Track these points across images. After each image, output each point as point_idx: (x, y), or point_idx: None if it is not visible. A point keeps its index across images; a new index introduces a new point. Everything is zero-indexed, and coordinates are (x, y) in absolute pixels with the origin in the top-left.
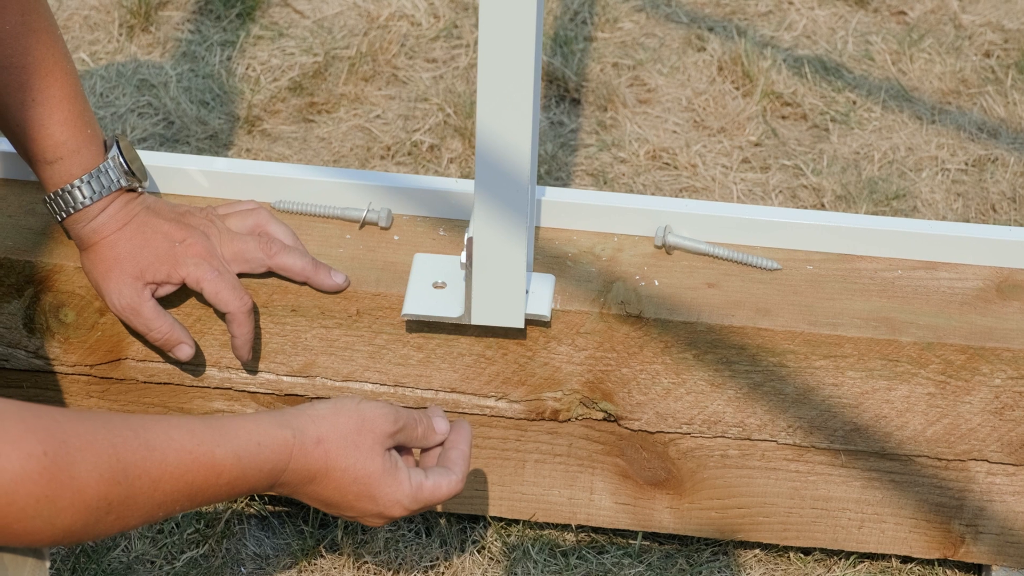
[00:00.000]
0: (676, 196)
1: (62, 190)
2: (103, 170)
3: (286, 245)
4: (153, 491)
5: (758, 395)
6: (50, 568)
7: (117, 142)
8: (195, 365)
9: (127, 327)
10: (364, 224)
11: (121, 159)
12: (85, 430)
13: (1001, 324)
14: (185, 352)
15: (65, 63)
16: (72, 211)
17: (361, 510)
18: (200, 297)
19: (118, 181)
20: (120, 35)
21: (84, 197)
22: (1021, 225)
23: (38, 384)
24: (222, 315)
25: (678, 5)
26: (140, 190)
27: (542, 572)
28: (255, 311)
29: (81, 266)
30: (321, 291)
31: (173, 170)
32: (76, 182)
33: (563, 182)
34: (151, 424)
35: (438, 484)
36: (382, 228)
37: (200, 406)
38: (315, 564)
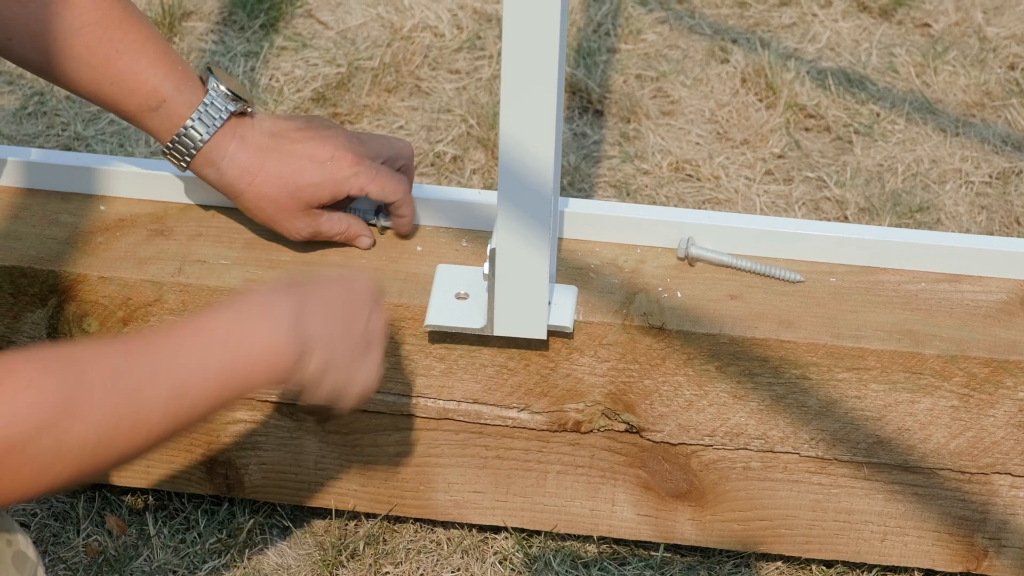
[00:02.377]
0: (699, 208)
1: (177, 135)
2: (209, 102)
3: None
4: (155, 373)
5: (781, 407)
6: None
7: (210, 70)
8: None
9: None
10: (384, 229)
11: (221, 86)
12: (85, 354)
13: None
14: (365, 243)
15: (133, 9)
16: (194, 152)
17: (357, 298)
18: None
19: (227, 108)
20: None
21: (200, 134)
22: None
23: None
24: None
25: (701, 17)
26: (250, 111)
27: None
28: None
29: (243, 211)
30: (405, 231)
31: (193, 180)
32: (188, 122)
33: (586, 193)
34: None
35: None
36: (401, 236)
37: (222, 416)
38: (336, 574)
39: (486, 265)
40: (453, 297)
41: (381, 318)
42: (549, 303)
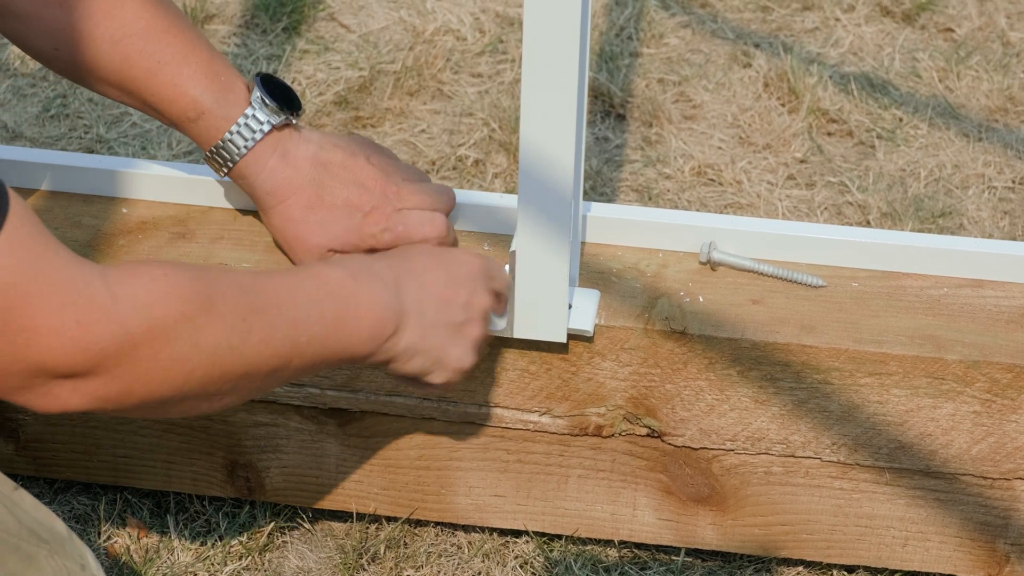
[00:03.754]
0: (721, 212)
1: (217, 145)
2: (250, 114)
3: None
4: (279, 305)
5: (802, 412)
6: None
7: (260, 80)
8: None
9: None
10: None
11: (265, 98)
12: (214, 268)
13: None
14: None
15: (179, 19)
16: (232, 163)
17: (462, 276)
18: None
19: (268, 121)
20: None
21: (239, 148)
22: None
23: None
24: None
25: (724, 21)
26: (295, 122)
27: None
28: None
29: (265, 223)
30: None
31: (215, 183)
32: (227, 134)
33: (608, 198)
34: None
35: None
36: None
37: (244, 419)
38: None
39: (506, 268)
40: None
41: (483, 298)
42: (570, 307)
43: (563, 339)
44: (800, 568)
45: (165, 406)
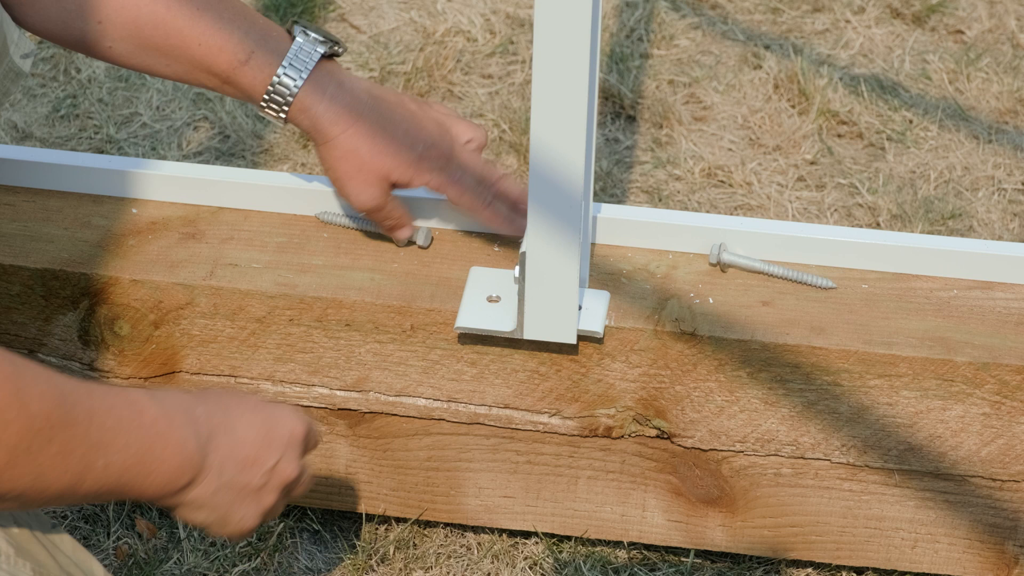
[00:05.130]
0: (731, 214)
1: (271, 85)
2: (297, 47)
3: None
4: (89, 423)
5: (812, 414)
6: None
7: (296, 22)
8: (249, 379)
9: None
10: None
11: (308, 30)
12: (35, 365)
13: None
14: (404, 234)
15: None
16: (290, 101)
17: (278, 442)
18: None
19: (316, 51)
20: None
21: (293, 81)
22: None
23: None
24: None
25: (734, 23)
26: (341, 51)
27: None
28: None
29: (320, 158)
30: (504, 232)
31: (225, 183)
32: (279, 71)
33: (618, 199)
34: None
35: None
36: (420, 247)
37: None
38: None
39: (516, 268)
40: (485, 300)
41: (289, 468)
42: (580, 308)
43: (573, 340)
44: (809, 570)
45: None
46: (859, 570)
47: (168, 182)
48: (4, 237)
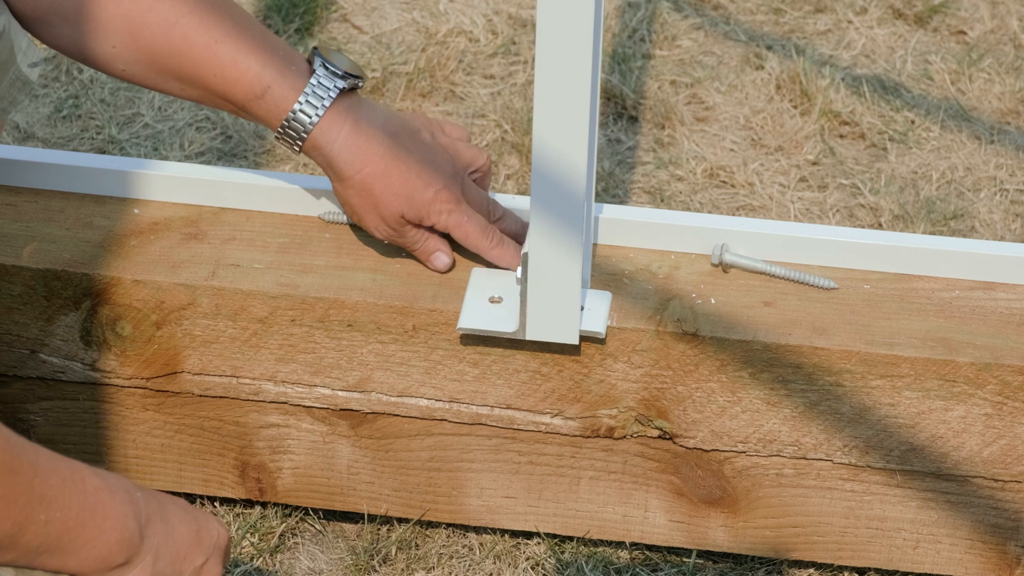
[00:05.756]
0: (733, 214)
1: (287, 120)
2: (316, 82)
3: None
4: (33, 475)
5: (814, 414)
6: None
7: (316, 51)
8: (251, 379)
9: None
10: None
11: (326, 66)
12: None
13: None
14: (442, 261)
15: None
16: (305, 135)
17: (206, 544)
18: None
19: (335, 86)
20: None
21: (310, 116)
22: None
23: (94, 397)
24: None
25: (736, 23)
26: (361, 85)
27: None
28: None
29: (335, 192)
30: (492, 262)
31: (227, 184)
32: (296, 105)
33: (620, 199)
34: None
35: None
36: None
37: (255, 420)
38: None
39: (519, 269)
40: (487, 301)
41: (216, 571)
42: (582, 308)
43: (575, 341)
44: (811, 570)
45: None
46: (861, 570)
47: (170, 182)
48: (6, 237)
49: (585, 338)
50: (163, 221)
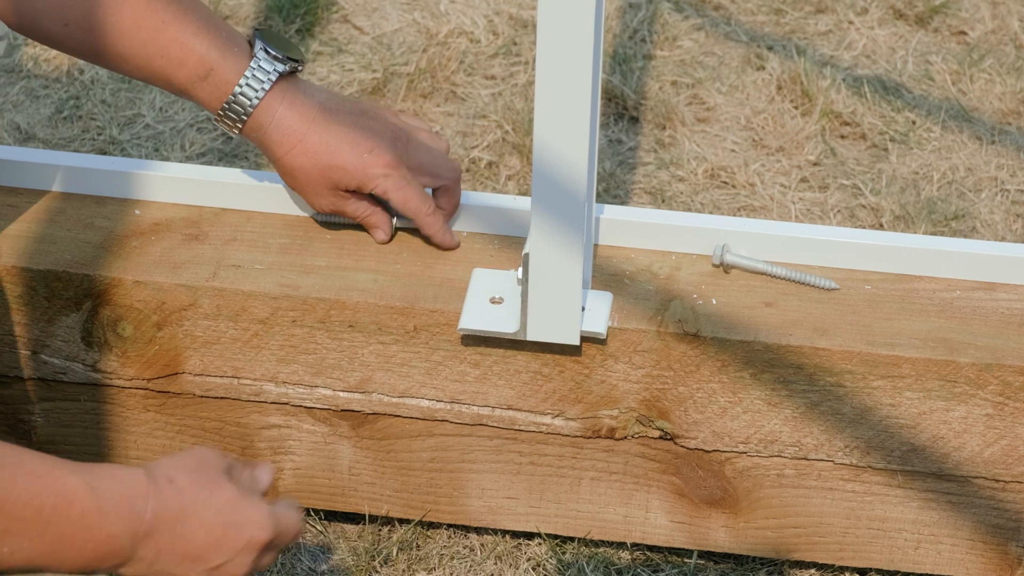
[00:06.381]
0: (734, 215)
1: (227, 102)
2: (256, 65)
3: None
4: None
5: (815, 415)
6: None
7: (258, 33)
8: (252, 380)
9: None
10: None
11: (267, 49)
12: None
13: None
14: (379, 236)
15: None
16: (245, 117)
17: (232, 547)
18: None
19: (275, 70)
20: None
21: (250, 99)
22: None
23: (95, 397)
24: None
25: (737, 24)
26: (300, 69)
27: None
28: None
29: (278, 173)
30: (437, 243)
31: (228, 185)
32: (236, 88)
33: (621, 200)
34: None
35: (288, 512)
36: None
37: (256, 420)
38: None
39: (519, 270)
40: (487, 301)
41: (238, 570)
42: (583, 309)
43: (576, 341)
44: (812, 570)
45: None
46: (862, 571)
47: (171, 183)
48: (7, 238)
49: (586, 339)
50: (164, 222)
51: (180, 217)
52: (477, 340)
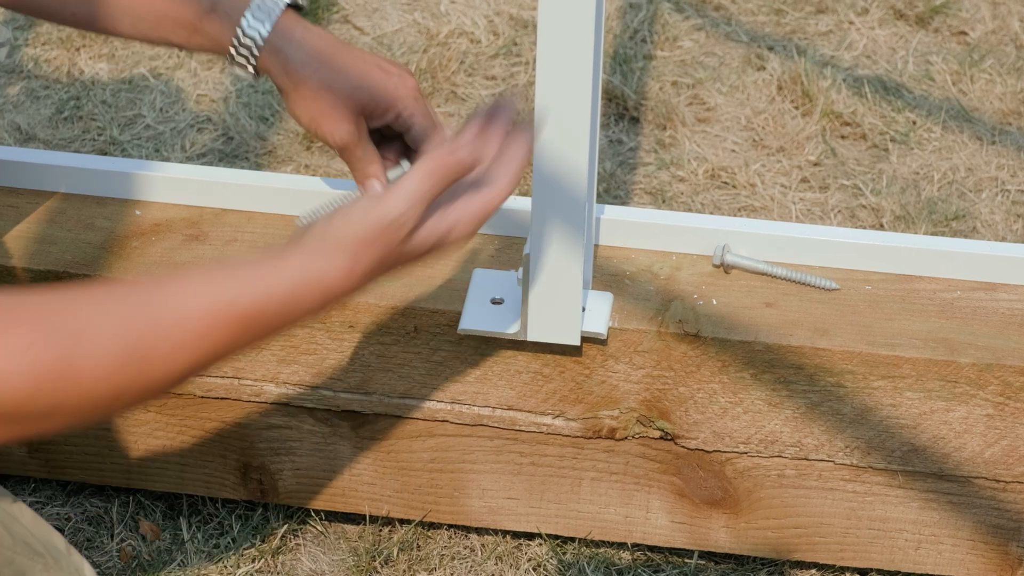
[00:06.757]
0: (734, 215)
1: (238, 36)
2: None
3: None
4: (170, 362)
5: (816, 415)
6: None
7: None
8: (253, 380)
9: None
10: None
11: None
12: (87, 308)
13: None
14: (374, 188)
15: None
16: (260, 46)
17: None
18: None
19: (281, 2)
20: (180, 51)
21: (262, 24)
22: None
23: None
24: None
25: (738, 24)
26: (303, 4)
27: None
28: None
29: (290, 107)
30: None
31: (229, 185)
32: (243, 21)
33: (622, 200)
34: (165, 283)
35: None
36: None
37: (257, 421)
38: None
39: (520, 270)
40: (488, 302)
41: (412, 215)
42: (583, 309)
43: (577, 342)
44: (813, 571)
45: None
46: (863, 571)
47: (172, 184)
48: (8, 239)
49: (587, 339)
50: (164, 222)
51: (180, 218)
52: (477, 340)
